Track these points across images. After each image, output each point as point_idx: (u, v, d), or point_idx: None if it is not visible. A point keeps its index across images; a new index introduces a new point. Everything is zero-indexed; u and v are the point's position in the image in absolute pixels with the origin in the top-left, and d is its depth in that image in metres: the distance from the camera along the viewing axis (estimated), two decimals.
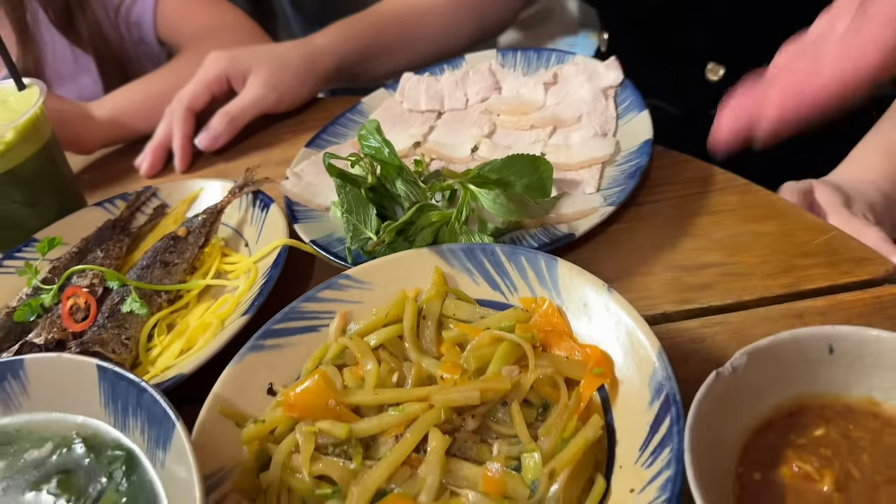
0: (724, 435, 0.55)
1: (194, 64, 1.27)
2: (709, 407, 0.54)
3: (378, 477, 0.60)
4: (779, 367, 0.57)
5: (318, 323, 0.75)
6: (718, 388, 0.55)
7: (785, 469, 0.54)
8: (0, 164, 0.94)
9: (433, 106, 1.06)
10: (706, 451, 0.52)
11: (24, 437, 0.64)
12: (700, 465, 0.50)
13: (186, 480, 0.54)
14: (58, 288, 0.84)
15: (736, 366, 0.56)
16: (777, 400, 0.58)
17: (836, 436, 0.56)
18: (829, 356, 0.57)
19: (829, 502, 0.52)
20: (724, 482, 0.54)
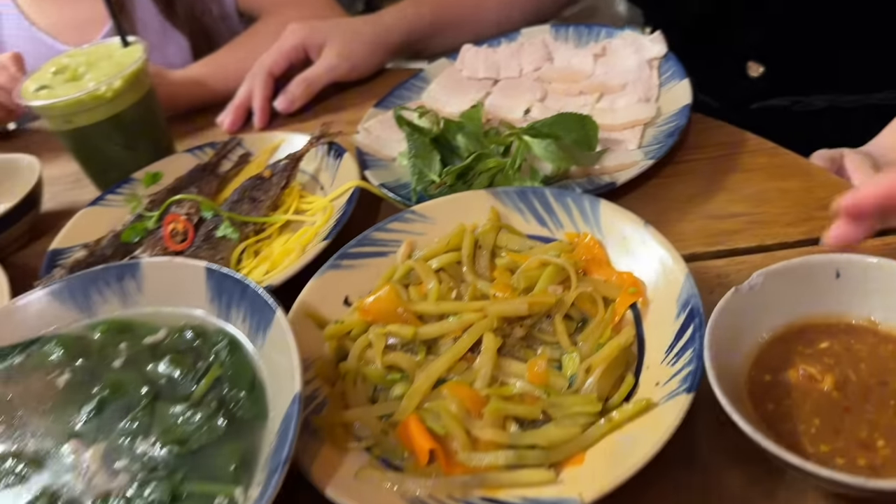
0: (740, 344, 0.64)
1: (271, 33, 1.38)
2: (727, 317, 0.62)
3: (439, 367, 0.70)
4: (790, 288, 0.65)
5: (387, 250, 0.85)
6: (736, 302, 0.63)
7: (792, 372, 0.62)
8: (107, 109, 1.06)
9: (490, 74, 1.16)
10: (723, 355, 0.60)
11: (139, 326, 0.76)
12: (717, 364, 0.58)
13: (282, 359, 0.64)
14: (160, 214, 0.96)
15: (753, 284, 0.64)
16: (788, 318, 0.66)
17: (838, 348, 0.64)
18: (836, 280, 0.65)
19: (829, 398, 0.60)
20: (737, 381, 0.62)
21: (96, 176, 1.14)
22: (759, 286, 0.64)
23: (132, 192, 1.06)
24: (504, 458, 0.62)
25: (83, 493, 0.61)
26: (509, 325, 0.73)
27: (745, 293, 0.64)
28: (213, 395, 0.67)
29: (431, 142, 0.92)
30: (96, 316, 0.77)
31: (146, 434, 0.64)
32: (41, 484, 0.62)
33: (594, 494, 0.57)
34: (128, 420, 0.66)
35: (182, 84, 1.36)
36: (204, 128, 1.34)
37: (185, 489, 0.59)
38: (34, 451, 0.65)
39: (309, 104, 1.32)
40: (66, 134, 1.08)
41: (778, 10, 1.17)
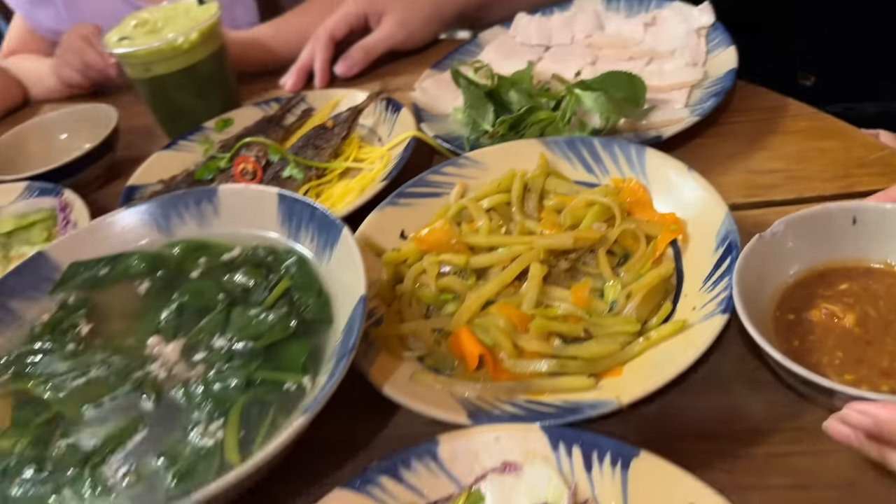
0: (765, 287, 0.67)
1: (333, 1, 1.45)
2: (752, 262, 0.65)
3: (489, 289, 0.75)
4: (810, 234, 0.68)
5: (441, 191, 0.91)
6: (761, 247, 0.66)
7: (814, 312, 0.66)
8: (183, 60, 1.13)
9: (542, 41, 1.20)
10: (750, 296, 0.63)
11: (214, 246, 0.82)
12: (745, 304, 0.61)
13: (346, 273, 0.70)
14: (232, 155, 1.03)
15: (775, 231, 0.67)
16: (809, 263, 0.69)
17: (857, 289, 0.67)
18: (853, 226, 0.67)
19: (850, 334, 0.64)
20: (764, 320, 0.65)
21: (168, 124, 1.22)
22: (781, 233, 0.67)
23: (204, 137, 1.13)
24: (547, 365, 0.67)
25: (165, 381, 0.67)
26: (555, 257, 0.78)
27: (767, 240, 0.67)
28: (283, 301, 0.73)
29: (486, 95, 0.98)
30: (175, 236, 0.84)
31: (223, 332, 0.71)
32: (129, 373, 0.69)
33: (631, 398, 0.61)
34: (205, 321, 0.72)
35: (246, 45, 1.43)
36: (268, 88, 1.41)
37: (258, 376, 0.65)
38: (120, 346, 0.72)
39: (366, 70, 1.38)
40: (144, 82, 1.16)
41: (827, 23, 1.20)
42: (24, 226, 1.00)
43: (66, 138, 1.27)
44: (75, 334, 0.75)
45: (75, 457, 0.62)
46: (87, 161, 1.14)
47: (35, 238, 0.99)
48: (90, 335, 0.75)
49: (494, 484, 0.58)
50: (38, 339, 0.75)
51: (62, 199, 1.05)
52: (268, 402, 0.63)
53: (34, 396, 0.68)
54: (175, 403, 0.65)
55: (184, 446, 0.61)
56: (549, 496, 0.56)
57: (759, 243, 0.66)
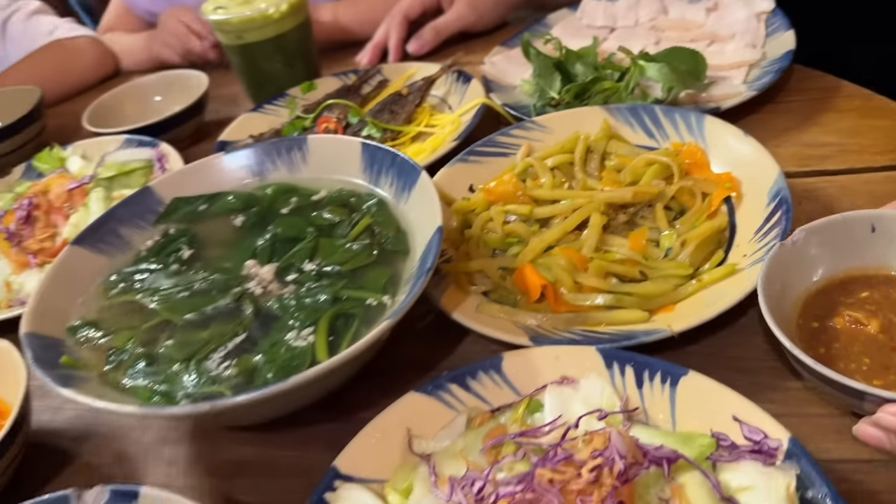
0: (788, 294, 0.67)
1: None
2: (776, 270, 0.65)
3: (552, 235, 0.81)
4: (831, 242, 0.68)
5: (509, 151, 0.96)
6: (783, 255, 0.66)
7: (838, 319, 0.65)
8: (272, 29, 1.21)
9: (607, 23, 1.25)
10: (774, 304, 0.63)
11: (303, 189, 0.89)
12: (771, 308, 0.62)
13: (422, 212, 0.76)
14: (315, 116, 1.10)
15: (796, 240, 0.67)
16: (830, 271, 0.68)
17: (878, 296, 0.67)
18: (872, 234, 0.67)
19: (875, 340, 0.63)
20: (788, 328, 0.64)
21: (254, 89, 1.30)
22: (802, 241, 0.67)
23: (289, 100, 1.21)
24: (604, 300, 0.73)
25: (261, 295, 0.75)
26: (614, 211, 0.83)
27: (789, 248, 0.67)
28: (365, 235, 0.80)
29: (553, 65, 1.03)
30: (266, 180, 0.91)
31: (312, 258, 0.78)
32: (228, 288, 0.76)
33: (682, 327, 0.67)
34: (296, 248, 0.79)
35: (325, 20, 1.51)
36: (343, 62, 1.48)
37: (344, 294, 0.72)
38: (219, 268, 0.80)
39: (439, 48, 1.45)
40: (235, 49, 1.24)
41: None
42: (124, 172, 1.09)
43: (159, 100, 1.36)
44: (178, 257, 0.83)
45: (181, 354, 0.69)
46: (180, 119, 1.23)
47: (134, 183, 1.08)
48: (191, 259, 0.83)
49: (553, 394, 0.63)
50: (144, 260, 0.83)
51: (159, 150, 1.14)
52: (352, 315, 0.70)
53: (142, 306, 0.77)
54: (271, 313, 0.72)
55: (279, 346, 0.68)
56: (603, 404, 0.61)
57: (782, 251, 0.66)
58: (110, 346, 0.72)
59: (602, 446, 0.53)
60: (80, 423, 0.82)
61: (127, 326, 0.74)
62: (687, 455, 0.54)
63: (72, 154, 1.17)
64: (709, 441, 0.56)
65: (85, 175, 1.07)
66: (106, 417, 0.82)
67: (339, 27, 1.53)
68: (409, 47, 1.43)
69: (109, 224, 0.86)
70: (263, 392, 0.58)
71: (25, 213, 1.01)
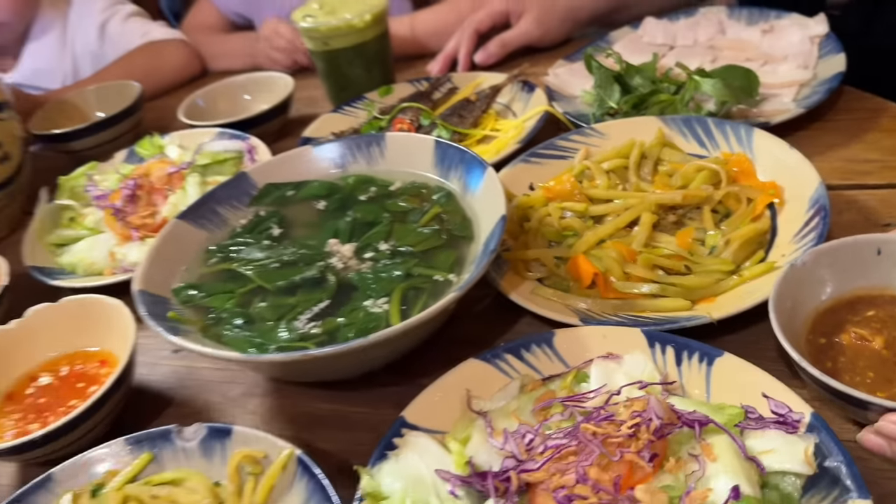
0: (798, 312, 0.71)
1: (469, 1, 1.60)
2: (787, 289, 0.69)
3: (605, 230, 0.87)
4: (839, 264, 0.71)
5: (567, 154, 1.03)
6: (794, 275, 0.70)
7: (844, 336, 0.69)
8: (356, 37, 1.31)
9: (667, 41, 1.31)
10: (786, 321, 0.66)
11: (379, 180, 0.98)
12: (781, 324, 0.66)
13: (486, 204, 0.84)
14: (391, 117, 1.19)
15: (805, 261, 0.71)
16: (838, 291, 0.72)
17: (883, 315, 0.70)
18: (878, 257, 0.71)
19: (879, 356, 0.67)
20: (797, 343, 0.68)
21: (335, 92, 1.39)
22: (812, 262, 0.71)
23: (367, 103, 1.30)
24: (650, 288, 0.79)
25: (342, 269, 0.83)
26: (664, 211, 0.89)
27: (798, 268, 0.70)
28: (435, 221, 0.87)
29: (614, 77, 1.10)
30: (347, 171, 1.00)
31: (387, 239, 0.86)
32: (313, 261, 0.85)
33: (721, 314, 0.72)
34: (373, 230, 0.87)
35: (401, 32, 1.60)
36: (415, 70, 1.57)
37: (415, 271, 0.80)
38: (305, 244, 0.89)
39: (506, 60, 1.52)
40: (321, 54, 1.34)
41: None
42: (218, 160, 1.19)
43: (248, 99, 1.47)
44: (269, 234, 0.92)
45: (273, 315, 0.78)
46: (268, 116, 1.34)
47: (226, 171, 1.18)
48: (280, 236, 0.92)
49: (599, 367, 0.70)
50: (239, 236, 0.93)
51: (249, 143, 1.24)
52: (422, 289, 0.78)
53: (238, 274, 0.86)
54: (351, 284, 0.80)
55: (359, 311, 0.76)
56: (644, 377, 0.67)
57: (791, 272, 0.70)
58: (209, 305, 0.82)
59: (641, 409, 0.60)
60: (173, 378, 0.91)
61: (224, 290, 0.83)
62: (717, 421, 0.60)
63: (170, 143, 1.28)
64: (738, 411, 0.61)
65: (183, 161, 1.18)
66: (196, 373, 0.91)
67: (414, 38, 1.62)
68: (477, 58, 1.50)
69: (209, 203, 0.95)
70: (347, 346, 0.66)
71: (130, 192, 1.12)
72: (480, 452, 0.64)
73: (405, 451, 0.65)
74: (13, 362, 0.88)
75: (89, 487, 0.70)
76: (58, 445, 0.77)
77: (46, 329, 0.90)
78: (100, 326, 0.88)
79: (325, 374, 0.79)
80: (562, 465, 0.58)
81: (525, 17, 1.50)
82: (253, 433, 0.69)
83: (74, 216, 1.16)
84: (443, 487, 0.62)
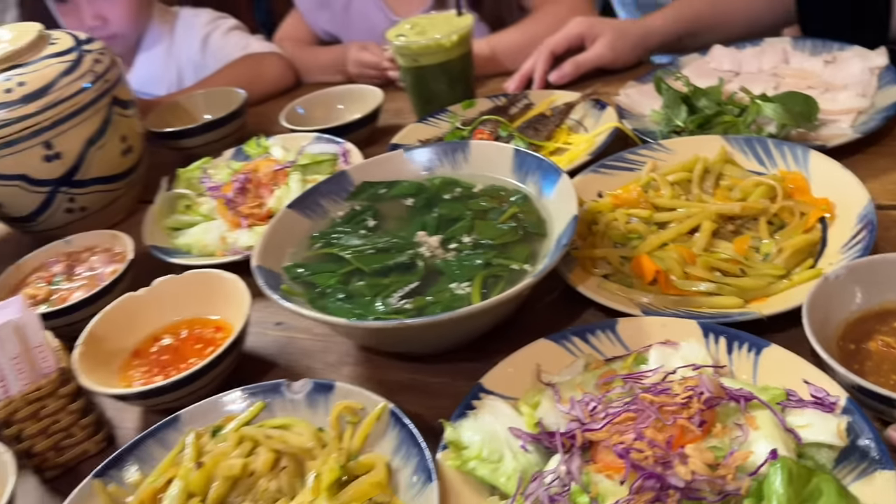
0: (830, 320, 0.76)
1: (543, 23, 1.70)
2: (821, 298, 0.75)
3: (667, 234, 0.95)
4: (870, 278, 0.77)
5: (635, 167, 1.11)
6: (828, 286, 0.76)
7: (872, 343, 0.75)
8: (442, 56, 1.41)
9: (733, 67, 1.37)
10: (818, 327, 0.73)
11: (464, 182, 1.07)
12: (814, 329, 0.72)
13: (559, 206, 0.92)
14: (472, 128, 1.29)
15: (839, 274, 0.76)
16: (868, 303, 0.77)
17: None
18: None
19: None
20: (829, 347, 0.73)
21: (421, 105, 1.50)
22: (844, 276, 0.76)
23: (451, 115, 1.41)
24: (707, 287, 0.86)
25: (429, 257, 0.93)
26: (724, 221, 0.96)
27: (832, 280, 0.76)
28: (512, 220, 0.96)
29: (681, 98, 1.17)
30: (434, 173, 1.10)
31: (469, 233, 0.95)
32: (404, 249, 0.95)
33: (771, 311, 0.79)
34: (457, 225, 0.97)
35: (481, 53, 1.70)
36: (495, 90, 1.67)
37: (494, 261, 0.89)
38: (396, 235, 0.99)
39: (577, 81, 1.60)
40: (411, 70, 1.45)
41: None
42: (316, 161, 1.30)
43: (341, 108, 1.60)
44: (364, 225, 1.02)
45: (370, 291, 0.88)
46: (360, 124, 1.45)
47: (323, 171, 1.29)
48: (374, 227, 1.02)
49: (657, 351, 0.77)
50: (338, 225, 1.04)
51: (343, 147, 1.36)
52: (500, 276, 0.87)
53: (338, 257, 0.96)
54: (437, 269, 0.90)
55: (445, 292, 0.85)
56: (698, 362, 0.75)
57: (825, 283, 0.76)
58: (315, 282, 0.92)
59: (693, 384, 0.67)
60: (275, 347, 1.02)
61: (327, 270, 0.94)
62: (761, 398, 0.67)
63: (273, 144, 1.41)
64: (780, 392, 0.68)
65: (287, 160, 1.30)
66: (296, 343, 1.02)
67: (493, 58, 1.72)
68: (551, 77, 1.58)
69: (313, 196, 1.06)
70: (437, 317, 0.76)
71: (240, 185, 1.24)
72: (548, 416, 0.72)
73: (482, 411, 0.74)
74: (141, 323, 1.01)
75: (210, 428, 0.81)
76: (180, 394, 0.89)
77: (170, 297, 1.02)
78: (217, 297, 1.00)
79: (413, 345, 0.89)
80: (621, 427, 0.66)
81: (599, 41, 1.58)
82: (352, 388, 0.79)
83: (190, 204, 1.29)
84: (515, 443, 0.70)
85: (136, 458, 0.80)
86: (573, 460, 0.65)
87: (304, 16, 2.15)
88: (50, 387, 0.86)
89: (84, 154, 1.30)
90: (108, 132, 1.33)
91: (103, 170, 1.34)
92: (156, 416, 0.88)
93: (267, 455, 0.74)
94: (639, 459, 0.61)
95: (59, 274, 1.18)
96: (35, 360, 0.86)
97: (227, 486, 0.73)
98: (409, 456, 0.72)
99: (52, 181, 1.29)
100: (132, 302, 1.01)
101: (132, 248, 1.17)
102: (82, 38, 1.38)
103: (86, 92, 1.29)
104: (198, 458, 0.76)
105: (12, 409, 0.85)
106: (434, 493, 0.66)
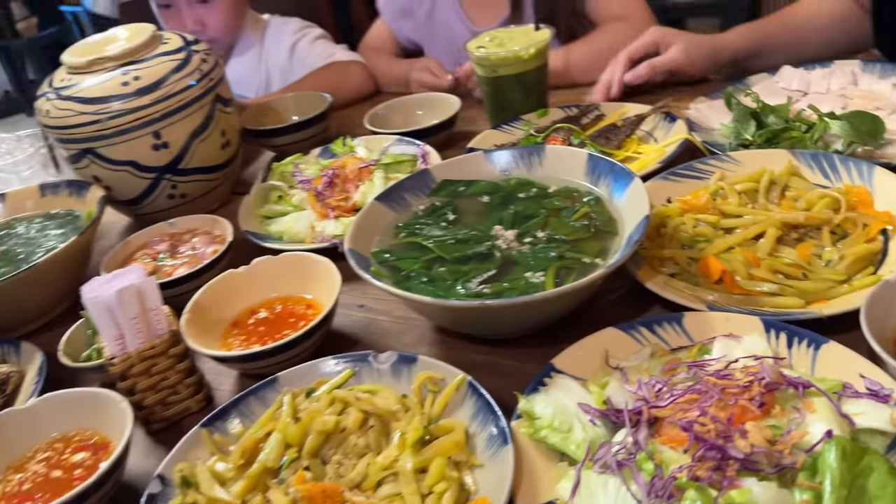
0: (888, 322, 0.79)
1: (610, 36, 1.75)
2: (880, 300, 0.79)
3: (733, 239, 0.99)
4: None
5: (703, 176, 1.15)
6: (887, 289, 0.80)
7: None
8: (521, 66, 1.48)
9: (801, 87, 1.40)
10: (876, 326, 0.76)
11: (538, 183, 1.13)
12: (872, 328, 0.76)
13: (630, 207, 0.98)
14: (545, 135, 1.35)
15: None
16: None
17: None
18: None
19: None
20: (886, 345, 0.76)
21: (497, 112, 1.57)
22: None
23: (525, 122, 1.48)
24: (770, 287, 0.90)
25: (506, 249, 0.99)
26: (788, 230, 1.00)
27: (892, 284, 0.80)
28: (584, 218, 1.02)
29: (751, 114, 1.21)
30: (510, 175, 1.16)
31: (543, 229, 1.02)
32: (482, 241, 1.01)
33: (831, 312, 0.83)
34: (532, 221, 1.03)
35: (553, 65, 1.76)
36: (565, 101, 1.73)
37: (567, 254, 0.95)
38: (475, 228, 1.06)
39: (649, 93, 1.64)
40: (489, 80, 1.52)
41: None
42: (397, 161, 1.39)
43: (420, 114, 1.68)
44: (445, 218, 1.09)
45: (451, 276, 0.95)
46: (438, 129, 1.53)
47: (403, 170, 1.37)
48: (454, 221, 1.09)
49: (720, 343, 0.82)
50: (420, 218, 1.11)
51: (422, 149, 1.44)
52: (572, 268, 0.93)
53: (421, 245, 1.04)
54: (513, 260, 0.97)
55: (520, 280, 0.92)
56: (759, 353, 0.79)
57: (885, 287, 0.80)
58: (400, 266, 1.00)
59: (755, 371, 0.72)
60: (359, 325, 1.10)
61: (411, 256, 1.02)
62: (818, 386, 0.71)
63: (358, 145, 1.50)
64: (837, 383, 0.72)
65: (371, 159, 1.39)
66: (376, 324, 1.10)
67: (566, 70, 1.78)
68: (627, 77, 1.61)
69: (398, 191, 1.14)
70: (514, 300, 0.82)
71: (329, 179, 1.33)
72: (616, 395, 0.77)
73: (553, 388, 0.80)
74: (240, 297, 1.10)
75: (305, 390, 0.89)
76: (275, 360, 0.97)
77: (267, 275, 1.11)
78: (309, 278, 1.08)
79: (488, 327, 0.95)
80: (685, 406, 0.71)
81: (674, 47, 1.61)
82: (433, 361, 0.86)
83: (282, 195, 1.39)
84: (584, 417, 0.76)
85: (238, 413, 0.88)
86: (640, 432, 0.70)
87: (388, 24, 2.24)
88: (162, 346, 0.96)
89: (188, 145, 1.41)
90: (211, 126, 1.44)
91: (204, 160, 1.45)
92: (249, 381, 0.96)
93: (357, 414, 0.81)
94: (702, 432, 0.66)
95: (164, 252, 1.29)
96: (151, 322, 0.96)
97: (320, 440, 0.80)
98: (485, 422, 0.78)
99: (158, 168, 1.41)
100: (233, 278, 1.10)
101: (231, 232, 1.27)
102: (190, 39, 1.49)
103: (193, 88, 1.40)
104: (294, 415, 0.83)
105: (129, 364, 0.94)
106: (509, 454, 0.72)
